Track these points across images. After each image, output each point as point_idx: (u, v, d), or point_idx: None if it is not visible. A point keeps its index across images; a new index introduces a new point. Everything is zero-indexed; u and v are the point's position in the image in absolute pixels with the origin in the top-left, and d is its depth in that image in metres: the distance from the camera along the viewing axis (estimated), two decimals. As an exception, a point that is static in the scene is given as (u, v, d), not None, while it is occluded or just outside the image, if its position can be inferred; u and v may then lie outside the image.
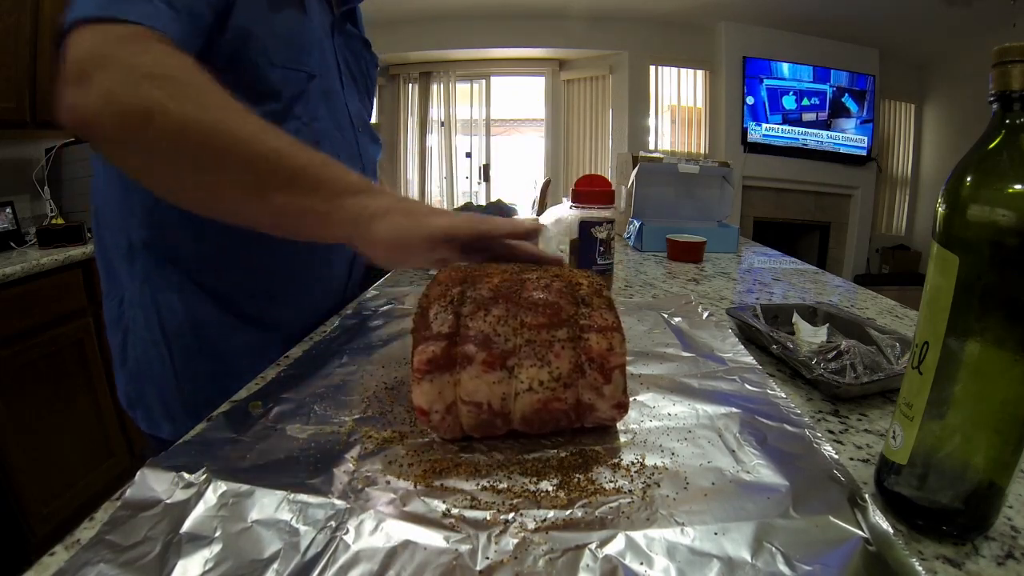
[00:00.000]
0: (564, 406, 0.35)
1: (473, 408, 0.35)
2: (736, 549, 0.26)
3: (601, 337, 0.36)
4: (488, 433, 0.36)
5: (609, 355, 0.36)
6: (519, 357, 0.35)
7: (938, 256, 0.28)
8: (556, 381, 0.35)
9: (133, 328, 0.60)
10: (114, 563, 0.25)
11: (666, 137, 4.24)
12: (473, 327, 0.35)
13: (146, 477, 0.30)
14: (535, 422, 0.36)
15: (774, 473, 0.32)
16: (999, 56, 0.26)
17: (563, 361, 0.35)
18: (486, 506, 0.30)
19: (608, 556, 0.26)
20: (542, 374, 0.35)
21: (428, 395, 0.35)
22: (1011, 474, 0.28)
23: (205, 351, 0.60)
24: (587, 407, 0.36)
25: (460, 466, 0.34)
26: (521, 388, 0.35)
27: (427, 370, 0.35)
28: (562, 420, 0.36)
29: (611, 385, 0.36)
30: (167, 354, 0.59)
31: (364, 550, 0.26)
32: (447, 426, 0.36)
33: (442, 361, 0.35)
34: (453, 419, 0.35)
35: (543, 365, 0.35)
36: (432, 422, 0.35)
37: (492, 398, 0.35)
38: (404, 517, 0.28)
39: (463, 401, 0.35)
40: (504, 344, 0.35)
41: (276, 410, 0.40)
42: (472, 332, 0.35)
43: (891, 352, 0.51)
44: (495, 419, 0.35)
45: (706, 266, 1.05)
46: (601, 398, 0.36)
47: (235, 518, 0.28)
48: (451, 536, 0.27)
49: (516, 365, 0.35)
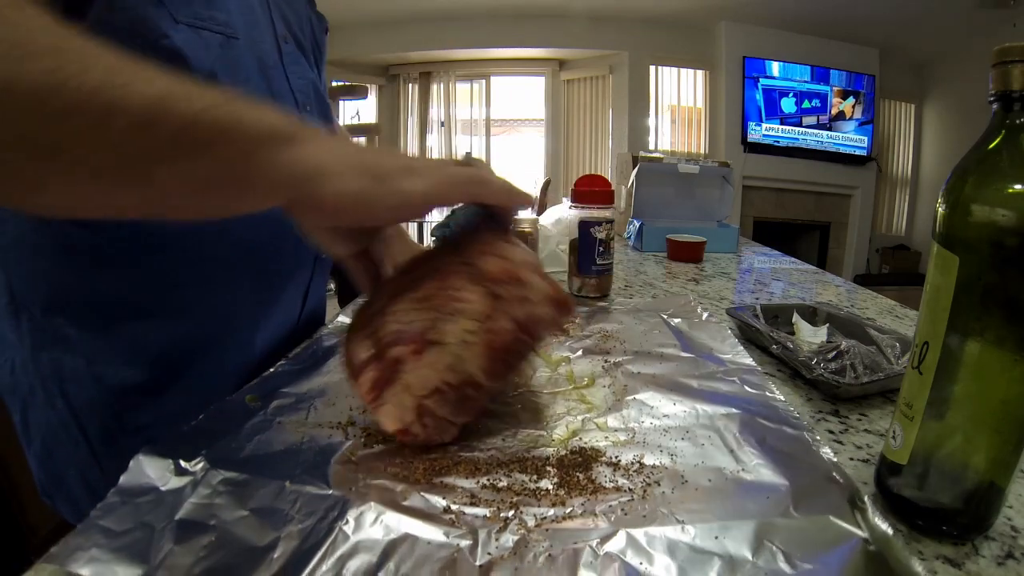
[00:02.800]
0: (509, 336, 0.34)
1: (437, 396, 0.34)
2: (737, 547, 0.26)
3: (491, 257, 0.35)
4: (475, 407, 0.36)
5: (509, 264, 0.35)
6: (436, 325, 0.34)
7: (938, 256, 0.28)
8: (482, 320, 0.34)
9: (32, 404, 0.47)
10: (107, 548, 0.25)
11: (666, 137, 4.25)
12: (386, 333, 0.35)
13: (141, 464, 0.30)
14: (499, 366, 0.35)
15: (774, 473, 0.32)
16: (999, 56, 0.26)
17: (474, 298, 0.34)
18: (486, 503, 0.30)
19: (609, 553, 0.26)
20: (465, 323, 0.34)
21: (392, 414, 0.34)
22: (1011, 474, 0.28)
23: (128, 425, 0.47)
24: (530, 320, 0.35)
25: (460, 464, 0.34)
26: (459, 348, 0.34)
27: (376, 394, 0.34)
28: (520, 347, 0.35)
29: (532, 288, 0.35)
30: (80, 434, 0.47)
31: (363, 541, 0.26)
32: (434, 429, 0.35)
33: (382, 378, 0.34)
34: (432, 419, 0.35)
35: (459, 315, 0.34)
36: (419, 435, 0.35)
37: (444, 375, 0.34)
38: (404, 511, 0.28)
39: (424, 396, 0.34)
40: (417, 326, 0.34)
41: (275, 403, 0.40)
42: (387, 338, 0.34)
43: (891, 352, 0.51)
44: (465, 391, 0.34)
45: (706, 266, 1.05)
46: (533, 304, 0.35)
47: (232, 506, 0.28)
48: (451, 531, 0.27)
49: (438, 333, 0.34)
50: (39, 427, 0.48)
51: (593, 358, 0.51)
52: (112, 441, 0.47)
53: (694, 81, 4.20)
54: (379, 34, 4.00)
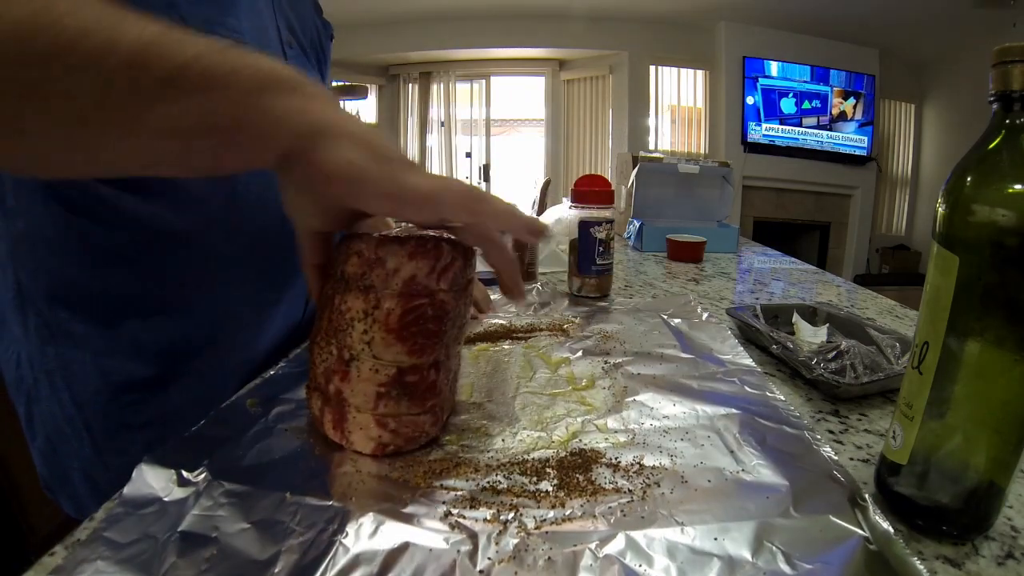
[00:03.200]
0: (397, 311, 0.33)
1: (384, 401, 0.34)
2: (736, 548, 0.26)
3: (351, 258, 0.34)
4: (431, 389, 0.35)
5: (366, 252, 0.34)
6: (343, 344, 0.34)
7: (938, 256, 0.28)
8: (368, 314, 0.33)
9: (37, 398, 0.47)
10: (112, 560, 0.25)
11: (666, 137, 4.25)
12: (319, 376, 0.36)
13: (144, 474, 0.30)
14: (412, 340, 0.34)
15: (774, 473, 0.32)
16: (999, 56, 0.26)
17: (352, 301, 0.34)
18: (486, 506, 0.30)
19: (608, 556, 0.26)
20: (357, 327, 0.34)
21: (361, 440, 0.34)
22: (1011, 474, 0.28)
23: (132, 421, 0.47)
24: (406, 287, 0.33)
25: (460, 466, 0.34)
26: (367, 350, 0.34)
27: (341, 433, 0.35)
28: (419, 312, 0.34)
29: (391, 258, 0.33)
30: (84, 430, 0.47)
31: (363, 553, 0.26)
32: (409, 427, 0.35)
33: (337, 415, 0.35)
34: (397, 421, 0.35)
35: (351, 324, 0.34)
36: (399, 443, 0.35)
37: (374, 380, 0.34)
38: (403, 518, 0.28)
39: (373, 408, 0.34)
40: (334, 354, 0.35)
41: (276, 410, 0.40)
42: (322, 380, 0.36)
43: (891, 352, 0.51)
44: (404, 380, 0.34)
45: (706, 266, 1.05)
46: (401, 271, 0.33)
47: (233, 519, 0.28)
48: (451, 537, 0.27)
49: (347, 349, 0.34)
50: (43, 422, 0.48)
51: (593, 359, 0.51)
52: (115, 437, 0.47)
53: (694, 81, 4.20)
54: (379, 34, 4.00)
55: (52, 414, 0.47)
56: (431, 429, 0.36)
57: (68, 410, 0.46)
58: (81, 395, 0.46)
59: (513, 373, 0.48)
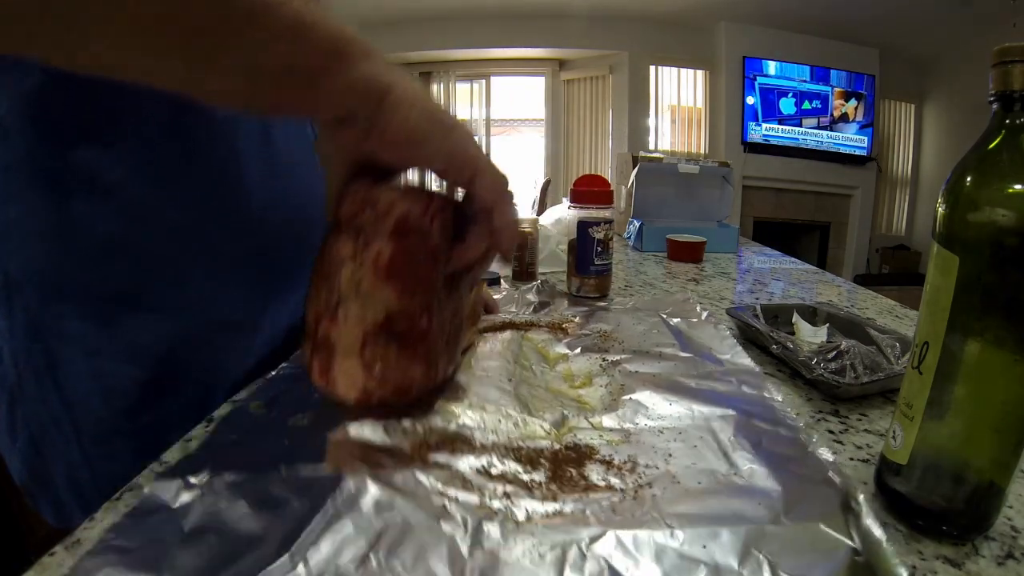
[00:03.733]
0: (387, 252, 0.33)
1: (372, 344, 0.33)
2: (724, 556, 0.26)
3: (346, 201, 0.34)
4: (424, 336, 0.35)
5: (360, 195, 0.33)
6: (332, 287, 0.34)
7: (938, 256, 0.28)
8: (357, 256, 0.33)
9: (21, 397, 0.44)
10: (119, 565, 0.25)
11: (666, 137, 4.25)
12: (309, 322, 0.35)
13: (152, 488, 0.30)
14: (403, 282, 0.33)
15: (767, 477, 0.32)
16: (999, 56, 0.26)
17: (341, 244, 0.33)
18: (478, 490, 0.30)
19: (596, 555, 0.26)
20: (346, 269, 0.33)
21: (343, 382, 0.34)
22: (1011, 474, 0.28)
23: (124, 427, 0.45)
24: (398, 225, 0.33)
25: (455, 441, 0.34)
26: (356, 292, 0.33)
27: (325, 376, 0.34)
28: (411, 253, 0.34)
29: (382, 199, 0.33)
30: (72, 432, 0.44)
31: (355, 522, 0.26)
32: (396, 375, 0.34)
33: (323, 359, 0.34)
34: (384, 367, 0.34)
35: (340, 266, 0.33)
36: (384, 392, 0.34)
37: (363, 321, 0.33)
38: (397, 491, 0.29)
39: (361, 350, 0.33)
40: (323, 299, 0.34)
41: (279, 410, 0.39)
42: (311, 325, 0.35)
43: (891, 352, 0.51)
44: (396, 325, 0.33)
45: (706, 266, 1.05)
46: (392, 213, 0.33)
47: (233, 503, 0.28)
48: (442, 519, 0.27)
49: (336, 293, 0.34)
50: (27, 422, 0.45)
51: (591, 356, 0.51)
52: (106, 442, 0.45)
53: (694, 81, 4.20)
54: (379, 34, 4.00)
55: (37, 415, 0.45)
56: (424, 381, 0.35)
57: (56, 411, 0.44)
58: (71, 396, 0.44)
59: (512, 358, 0.48)
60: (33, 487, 0.48)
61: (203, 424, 0.38)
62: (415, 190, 0.34)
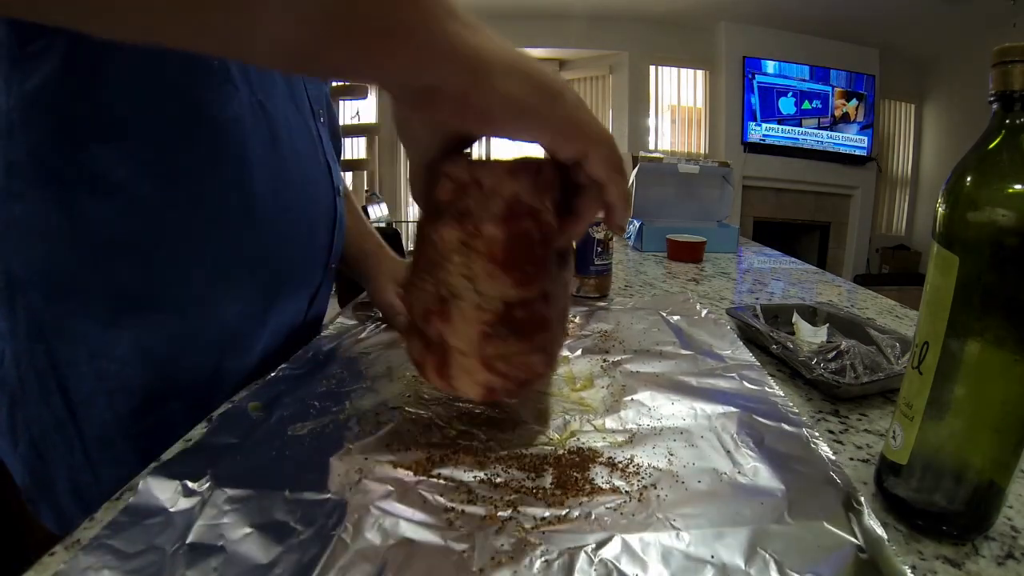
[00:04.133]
0: (501, 236, 0.29)
1: (490, 341, 0.31)
2: (730, 555, 0.26)
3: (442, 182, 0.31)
4: (541, 321, 0.32)
5: (461, 175, 0.30)
6: (439, 279, 0.31)
7: (938, 256, 0.28)
8: (466, 243, 0.30)
9: (22, 400, 0.44)
10: (118, 570, 0.25)
11: (666, 137, 4.25)
12: (417, 318, 0.33)
13: (149, 485, 0.30)
14: (519, 267, 0.30)
15: (771, 476, 0.32)
16: (999, 56, 0.26)
17: (446, 232, 0.30)
18: (483, 501, 0.30)
19: (604, 560, 0.26)
20: (454, 259, 0.30)
21: (468, 385, 0.32)
22: (1011, 474, 0.28)
23: (130, 430, 0.44)
24: (511, 205, 0.30)
25: (459, 453, 0.34)
26: (468, 284, 0.30)
27: (445, 379, 0.32)
28: (525, 233, 0.30)
29: (491, 175, 0.30)
30: (76, 436, 0.44)
31: (362, 549, 0.26)
32: (520, 368, 0.32)
33: (439, 361, 0.32)
34: (506, 362, 0.31)
35: (446, 256, 0.30)
36: (509, 386, 0.32)
37: (478, 317, 0.30)
38: (402, 513, 0.28)
39: (480, 350, 0.31)
40: (431, 292, 0.31)
41: (278, 413, 0.39)
42: (420, 322, 0.33)
43: (891, 352, 0.51)
44: (512, 315, 0.31)
45: (706, 266, 1.05)
46: (503, 191, 0.30)
47: (237, 524, 0.28)
48: (448, 534, 0.27)
49: (444, 285, 0.31)
50: (28, 425, 0.45)
51: (592, 358, 0.51)
52: (110, 446, 0.45)
53: (694, 81, 4.20)
54: (379, 34, 4.00)
55: (39, 418, 0.44)
56: (544, 369, 0.33)
57: (58, 414, 0.44)
58: (75, 398, 0.43)
59: None
60: (34, 492, 0.47)
61: (203, 424, 0.38)
62: (520, 162, 0.30)
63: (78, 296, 0.43)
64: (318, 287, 0.59)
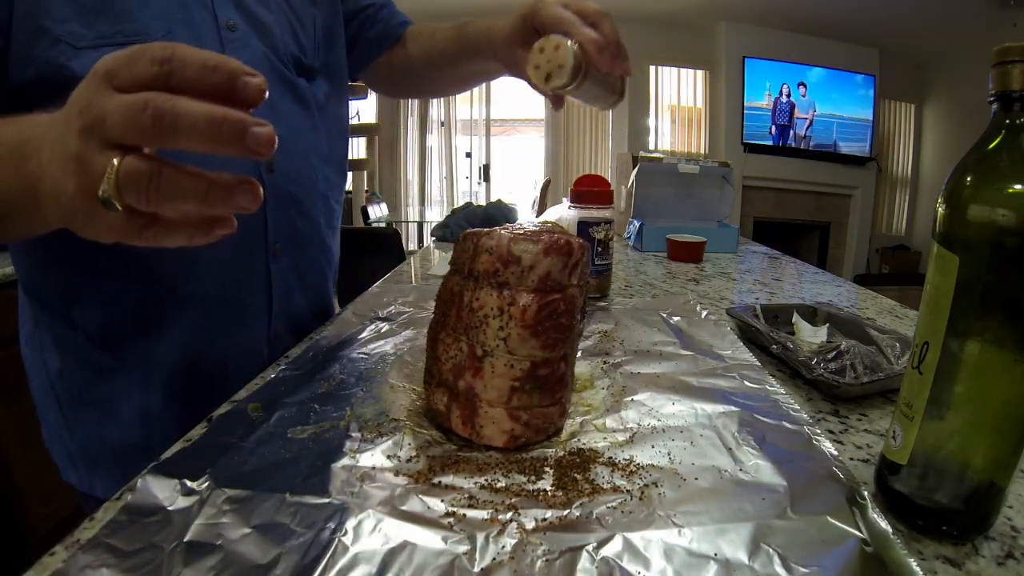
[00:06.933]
0: (534, 306, 0.35)
1: (518, 395, 0.35)
2: (734, 551, 0.26)
3: (480, 256, 0.36)
4: (560, 380, 0.37)
5: (496, 248, 0.35)
6: (476, 340, 0.35)
7: (938, 256, 0.28)
8: (504, 311, 0.35)
9: (35, 372, 0.55)
10: (117, 568, 0.25)
11: (666, 137, 4.25)
12: (446, 373, 0.37)
13: (148, 484, 0.30)
14: (547, 334, 0.35)
15: (773, 472, 0.32)
16: (999, 56, 0.26)
17: (486, 298, 0.35)
18: (484, 505, 0.30)
19: (605, 558, 0.26)
20: (492, 323, 0.35)
21: (495, 435, 0.35)
22: (1011, 474, 0.28)
23: (85, 397, 0.52)
24: (542, 281, 0.35)
25: (459, 463, 0.34)
26: (503, 345, 0.35)
27: (472, 428, 0.36)
28: (554, 306, 0.36)
29: (526, 253, 0.35)
30: (55, 400, 0.53)
31: (362, 552, 0.26)
32: (542, 418, 0.36)
33: (467, 412, 0.36)
34: (530, 413, 0.36)
35: (485, 321, 0.35)
36: (529, 435, 0.36)
37: (509, 374, 0.35)
38: (402, 516, 0.28)
39: (507, 403, 0.35)
40: (465, 351, 0.36)
41: (277, 414, 0.39)
42: (450, 377, 0.37)
43: (891, 352, 0.51)
44: (537, 373, 0.35)
45: (706, 266, 1.05)
46: (535, 267, 0.35)
47: (236, 524, 0.28)
48: (449, 536, 0.27)
49: (480, 346, 0.35)
50: (36, 391, 0.55)
51: (592, 359, 0.51)
52: (74, 409, 0.53)
53: (694, 81, 4.20)
54: (379, 34, 4.00)
55: (39, 387, 0.55)
56: (559, 420, 0.38)
57: (43, 380, 0.54)
58: (51, 368, 0.53)
59: None
60: (50, 448, 0.57)
61: (202, 424, 0.38)
62: (556, 241, 0.36)
63: (41, 295, 0.52)
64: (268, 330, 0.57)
